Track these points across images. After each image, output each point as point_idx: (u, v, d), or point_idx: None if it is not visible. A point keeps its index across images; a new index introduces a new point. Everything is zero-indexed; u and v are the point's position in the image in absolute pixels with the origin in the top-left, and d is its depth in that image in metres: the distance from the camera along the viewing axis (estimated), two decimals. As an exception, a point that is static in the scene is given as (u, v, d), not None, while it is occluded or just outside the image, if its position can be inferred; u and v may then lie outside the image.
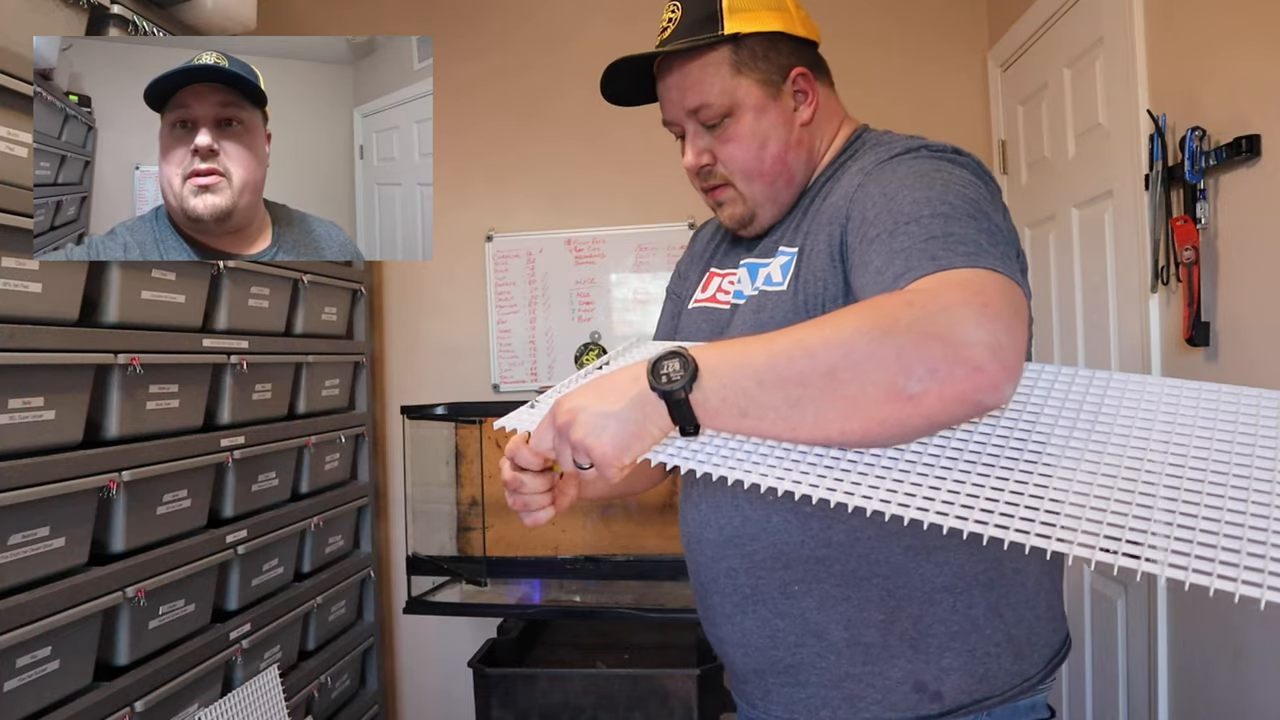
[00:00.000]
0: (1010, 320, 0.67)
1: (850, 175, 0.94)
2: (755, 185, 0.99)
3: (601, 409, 0.73)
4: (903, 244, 0.76)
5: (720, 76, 0.97)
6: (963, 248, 0.73)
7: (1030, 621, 0.91)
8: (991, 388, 0.65)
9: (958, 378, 0.65)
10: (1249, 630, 1.33)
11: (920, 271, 0.73)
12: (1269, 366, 1.26)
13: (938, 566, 0.88)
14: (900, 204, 0.81)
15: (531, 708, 1.90)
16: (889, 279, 0.75)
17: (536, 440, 0.78)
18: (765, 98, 0.97)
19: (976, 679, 0.88)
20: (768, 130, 0.97)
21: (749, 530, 0.93)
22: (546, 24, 2.53)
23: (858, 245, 0.83)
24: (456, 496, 2.46)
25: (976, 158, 0.90)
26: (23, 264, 1.23)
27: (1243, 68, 1.30)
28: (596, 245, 2.49)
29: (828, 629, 0.90)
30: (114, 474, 1.38)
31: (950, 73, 2.41)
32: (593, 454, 0.72)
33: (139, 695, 1.40)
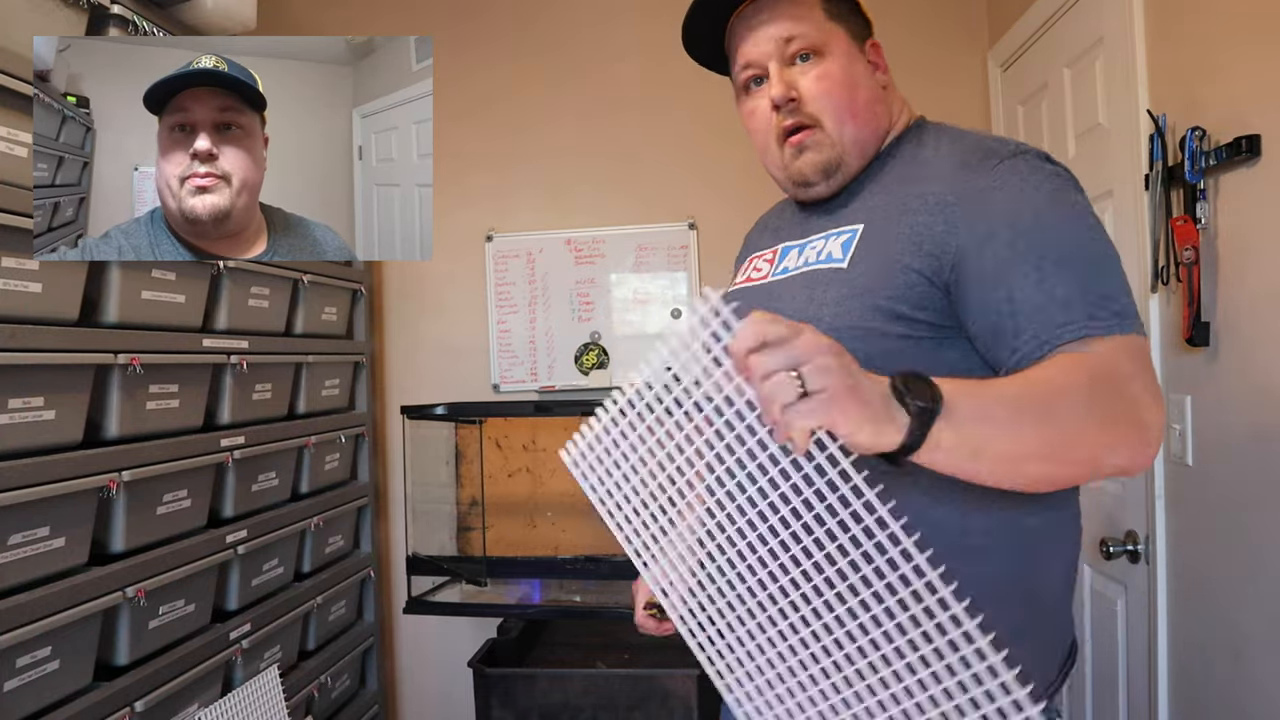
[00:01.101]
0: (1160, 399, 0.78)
1: (947, 164, 0.90)
2: (847, 128, 0.96)
3: (850, 371, 0.66)
4: (1057, 286, 0.80)
5: (815, 16, 0.97)
6: (1115, 305, 0.80)
7: (1055, 628, 0.93)
8: (1145, 465, 0.79)
9: (1138, 459, 0.77)
10: (1249, 630, 1.33)
11: (1084, 330, 0.78)
12: (1269, 366, 1.26)
13: (980, 572, 0.84)
14: (1047, 232, 0.82)
15: (531, 708, 1.90)
16: (1047, 327, 0.79)
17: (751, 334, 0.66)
18: (854, 48, 0.99)
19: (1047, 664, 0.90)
20: (859, 76, 0.98)
21: None
22: (547, 24, 2.53)
23: (991, 264, 0.83)
24: (456, 496, 2.46)
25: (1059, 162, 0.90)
26: (23, 264, 1.23)
27: (1243, 67, 1.30)
28: (596, 245, 2.49)
29: None
30: (114, 474, 1.38)
31: (950, 73, 2.41)
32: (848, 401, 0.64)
33: (139, 695, 1.40)
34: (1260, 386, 1.29)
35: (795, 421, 0.64)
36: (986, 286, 0.83)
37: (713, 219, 2.46)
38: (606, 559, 2.23)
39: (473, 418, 2.40)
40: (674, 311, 2.47)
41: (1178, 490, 1.52)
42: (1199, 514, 1.45)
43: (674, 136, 2.48)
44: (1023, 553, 0.88)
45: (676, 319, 2.47)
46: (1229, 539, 1.37)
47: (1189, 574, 1.49)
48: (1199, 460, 1.45)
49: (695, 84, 2.48)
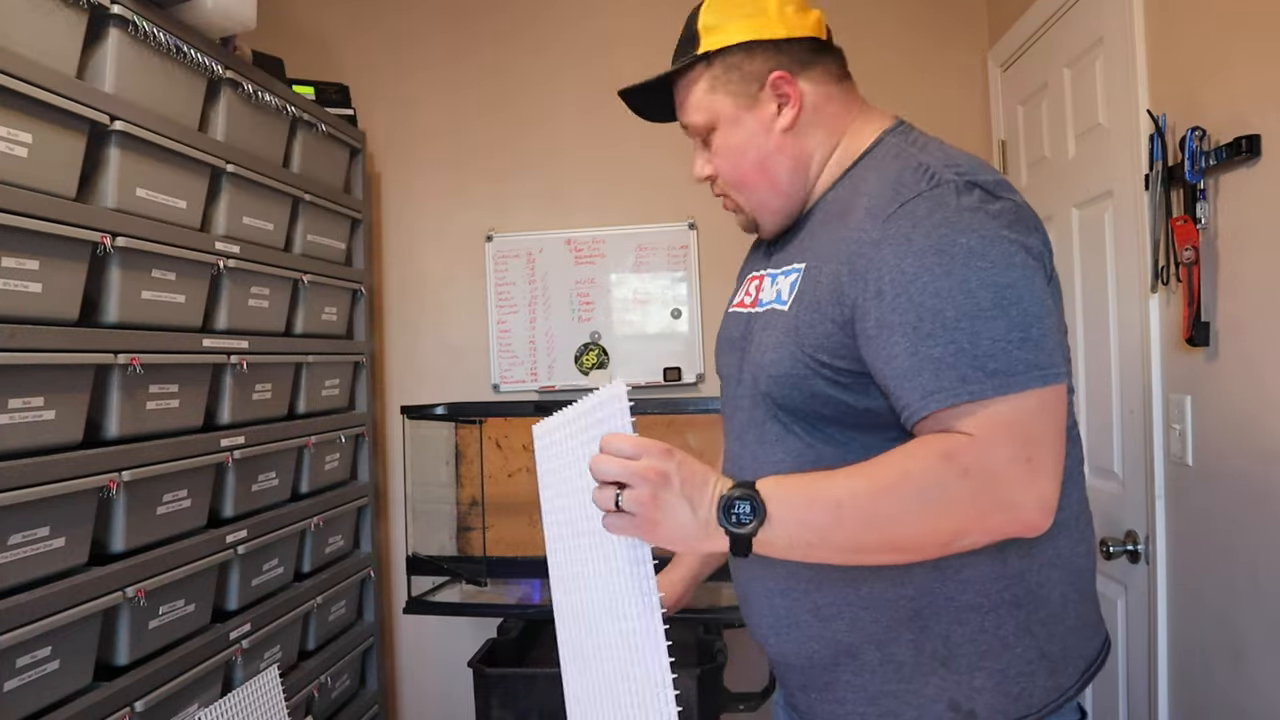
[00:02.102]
0: (1052, 462, 0.78)
1: (866, 202, 0.90)
2: (743, 195, 1.02)
3: (688, 500, 0.81)
4: (930, 351, 0.79)
5: (697, 95, 1.00)
6: (993, 364, 0.77)
7: (1062, 635, 0.91)
8: (1036, 529, 0.78)
9: (1009, 532, 0.79)
10: (1249, 630, 1.33)
11: (952, 397, 0.78)
12: (1269, 366, 1.26)
13: (962, 585, 0.88)
14: (922, 293, 0.80)
15: (531, 708, 1.89)
16: (918, 393, 0.80)
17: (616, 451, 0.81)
18: (738, 109, 0.98)
19: (1011, 698, 0.89)
20: (744, 141, 0.99)
21: (774, 563, 0.94)
22: (547, 23, 2.53)
23: (874, 324, 0.84)
24: (456, 496, 2.46)
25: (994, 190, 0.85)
26: (23, 264, 1.23)
27: (1243, 67, 1.30)
28: (596, 245, 2.49)
29: (861, 649, 0.92)
30: (114, 474, 1.38)
31: (950, 73, 2.41)
32: (650, 533, 0.81)
33: (139, 695, 1.40)
34: (1260, 386, 1.29)
35: (608, 525, 0.82)
36: (873, 347, 0.84)
37: (713, 219, 2.45)
38: None
39: (473, 418, 2.40)
40: (674, 311, 2.47)
41: (1178, 490, 1.52)
42: (1199, 514, 1.45)
43: (674, 136, 2.46)
44: (1001, 563, 0.88)
45: (676, 319, 2.47)
46: (1229, 539, 1.37)
47: (1189, 574, 1.49)
48: (1199, 460, 1.45)
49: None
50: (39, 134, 1.26)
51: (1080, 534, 0.94)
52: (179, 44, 1.53)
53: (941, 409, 0.79)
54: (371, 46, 2.57)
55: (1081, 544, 0.94)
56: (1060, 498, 0.88)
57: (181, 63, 1.56)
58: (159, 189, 1.52)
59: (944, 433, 0.79)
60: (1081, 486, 0.96)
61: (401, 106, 2.56)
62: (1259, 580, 1.30)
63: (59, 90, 1.28)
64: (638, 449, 0.81)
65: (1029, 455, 0.76)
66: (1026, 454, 0.76)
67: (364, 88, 2.52)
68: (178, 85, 1.57)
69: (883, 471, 0.80)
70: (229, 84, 1.71)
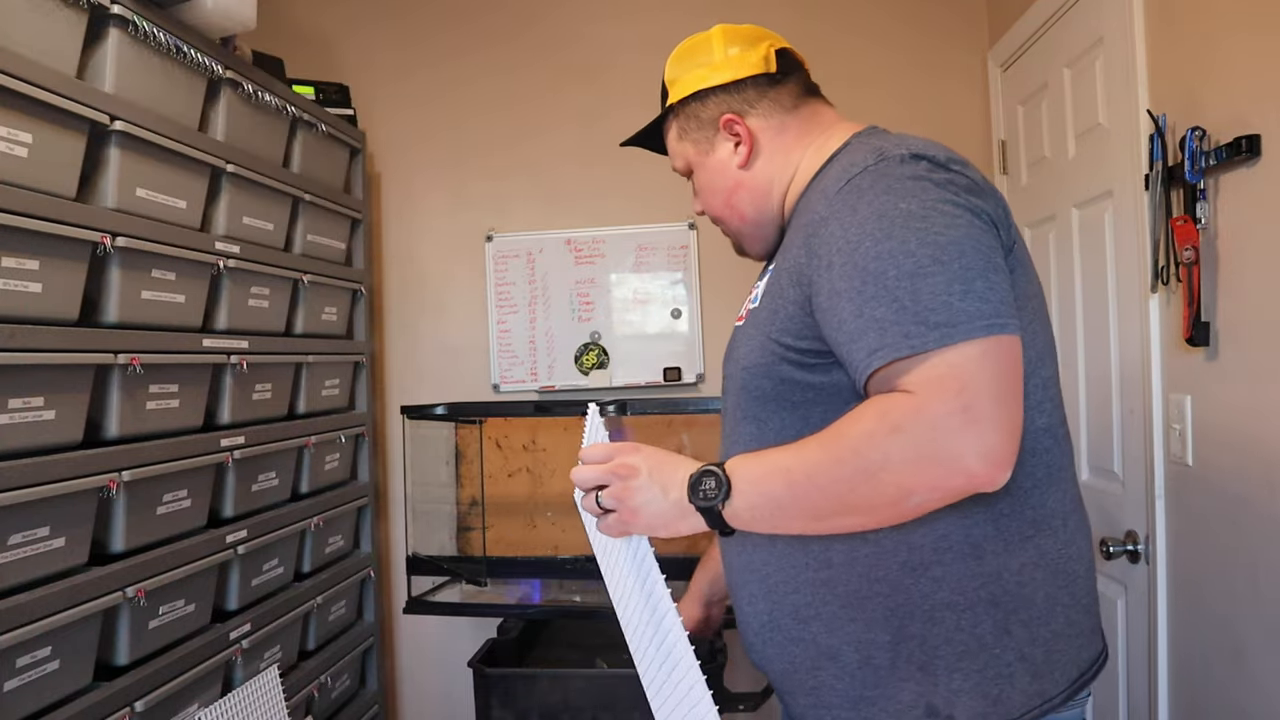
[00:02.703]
0: (994, 410, 0.75)
1: (816, 201, 0.94)
2: (722, 226, 1.12)
3: (659, 485, 0.88)
4: (874, 312, 0.80)
5: (671, 142, 1.13)
6: (935, 317, 0.77)
7: (1047, 639, 0.89)
8: (988, 484, 0.76)
9: (956, 487, 0.77)
10: (1249, 630, 1.33)
11: (895, 352, 0.78)
12: (1269, 366, 1.26)
13: (935, 582, 0.88)
14: (864, 258, 0.82)
15: (531, 708, 1.89)
16: (863, 352, 0.81)
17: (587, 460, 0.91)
18: (700, 154, 1.08)
19: (990, 701, 0.87)
20: (709, 181, 1.09)
21: (760, 555, 0.98)
22: (547, 23, 2.53)
23: (824, 292, 0.86)
24: (456, 496, 2.46)
25: (939, 158, 0.88)
26: (23, 264, 1.23)
27: (1243, 67, 1.30)
28: (596, 245, 2.49)
29: (840, 651, 0.92)
30: (114, 474, 1.38)
31: (950, 73, 2.41)
32: (631, 521, 0.89)
33: (139, 695, 1.40)
34: (1260, 386, 1.29)
35: (600, 529, 0.92)
36: (825, 317, 0.86)
37: (713, 219, 2.45)
38: None
39: (472, 418, 2.40)
40: (674, 311, 2.47)
41: (1178, 490, 1.52)
42: (1199, 514, 1.45)
43: (674, 136, 2.47)
44: (976, 560, 0.88)
45: (676, 319, 2.47)
46: (1229, 539, 1.37)
47: (1189, 574, 1.49)
48: (1199, 460, 1.45)
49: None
50: (39, 134, 1.26)
51: (1068, 536, 0.92)
52: (179, 44, 1.53)
53: (884, 365, 0.79)
54: (371, 46, 2.57)
55: (1070, 547, 0.92)
56: (1036, 495, 0.89)
57: (181, 63, 1.56)
58: (159, 189, 1.52)
59: (886, 394, 0.80)
60: (1068, 488, 0.94)
61: (401, 106, 2.56)
62: (1259, 580, 1.30)
63: (59, 90, 1.28)
64: (608, 453, 0.90)
65: (965, 404, 0.74)
66: (962, 403, 0.74)
67: (364, 88, 2.52)
68: (178, 85, 1.57)
69: (828, 436, 0.81)
70: (229, 84, 1.71)
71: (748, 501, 0.84)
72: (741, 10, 2.52)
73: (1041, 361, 0.93)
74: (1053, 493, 0.91)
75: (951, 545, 0.88)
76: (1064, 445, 0.95)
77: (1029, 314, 0.91)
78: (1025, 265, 0.94)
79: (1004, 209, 0.90)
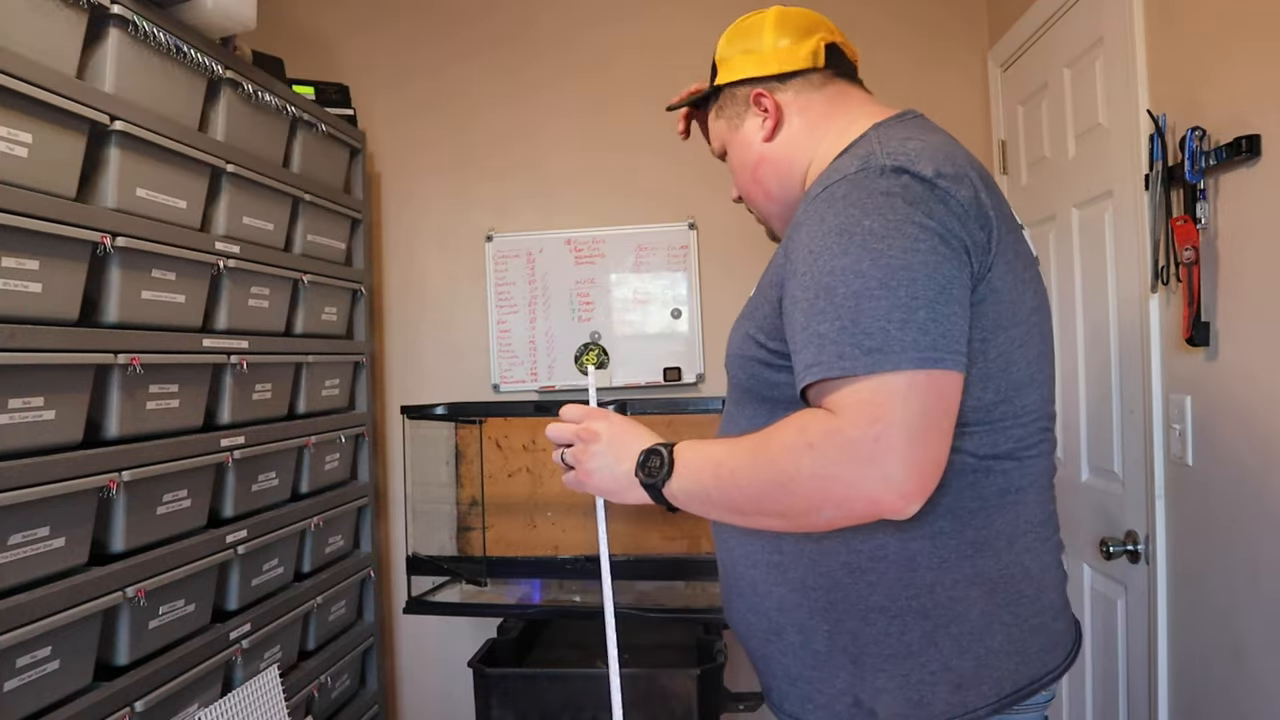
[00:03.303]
0: (907, 444, 0.76)
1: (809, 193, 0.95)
2: (753, 206, 1.13)
3: (613, 454, 0.95)
4: (818, 326, 0.82)
5: (711, 121, 1.14)
6: (869, 342, 0.78)
7: (979, 655, 0.90)
8: (892, 511, 0.78)
9: (858, 511, 0.79)
10: (1249, 630, 1.33)
11: (827, 371, 0.80)
12: (1269, 366, 1.26)
13: (870, 586, 0.91)
14: (820, 271, 0.83)
15: (531, 708, 1.89)
16: (802, 365, 0.83)
17: (565, 418, 1.01)
18: (731, 130, 1.10)
19: (911, 704, 0.90)
20: (739, 158, 1.11)
21: (726, 536, 1.04)
22: (547, 24, 2.53)
23: (788, 299, 0.88)
24: (456, 496, 2.46)
25: (924, 174, 0.85)
26: (23, 264, 1.23)
27: (1243, 67, 1.30)
28: (596, 245, 2.49)
29: (785, 630, 0.98)
30: (114, 474, 1.38)
31: (950, 73, 2.41)
32: (585, 481, 0.98)
33: (139, 695, 1.40)
34: (1260, 386, 1.29)
35: (565, 481, 1.00)
36: (786, 321, 0.88)
37: (713, 219, 2.46)
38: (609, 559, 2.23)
39: (472, 418, 2.40)
40: (674, 311, 2.47)
41: (1178, 490, 1.52)
42: (1199, 514, 1.45)
43: (674, 137, 2.47)
44: (910, 571, 0.90)
45: (676, 319, 2.47)
46: (1229, 539, 1.37)
47: (1189, 574, 1.49)
48: (1199, 460, 1.45)
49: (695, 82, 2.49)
50: (39, 134, 1.26)
51: (1013, 558, 0.91)
52: (179, 44, 1.54)
53: (816, 382, 0.81)
54: (371, 47, 2.57)
55: (1015, 568, 0.91)
56: (982, 516, 0.90)
57: (181, 63, 1.56)
58: (159, 189, 1.52)
59: (811, 410, 0.82)
60: (1025, 510, 0.93)
61: (402, 106, 2.56)
62: (1259, 580, 1.30)
63: (59, 90, 1.28)
64: (580, 415, 0.99)
65: (876, 434, 0.76)
66: (874, 433, 0.76)
67: (364, 88, 2.52)
68: (178, 85, 1.57)
69: (758, 439, 0.85)
70: (229, 84, 1.71)
71: (683, 486, 0.90)
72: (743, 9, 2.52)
73: (1020, 390, 0.91)
74: (1002, 515, 0.91)
75: (888, 555, 0.90)
76: (1029, 465, 0.93)
77: (1018, 334, 0.90)
78: (1020, 283, 0.90)
79: (989, 231, 0.87)
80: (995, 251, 0.87)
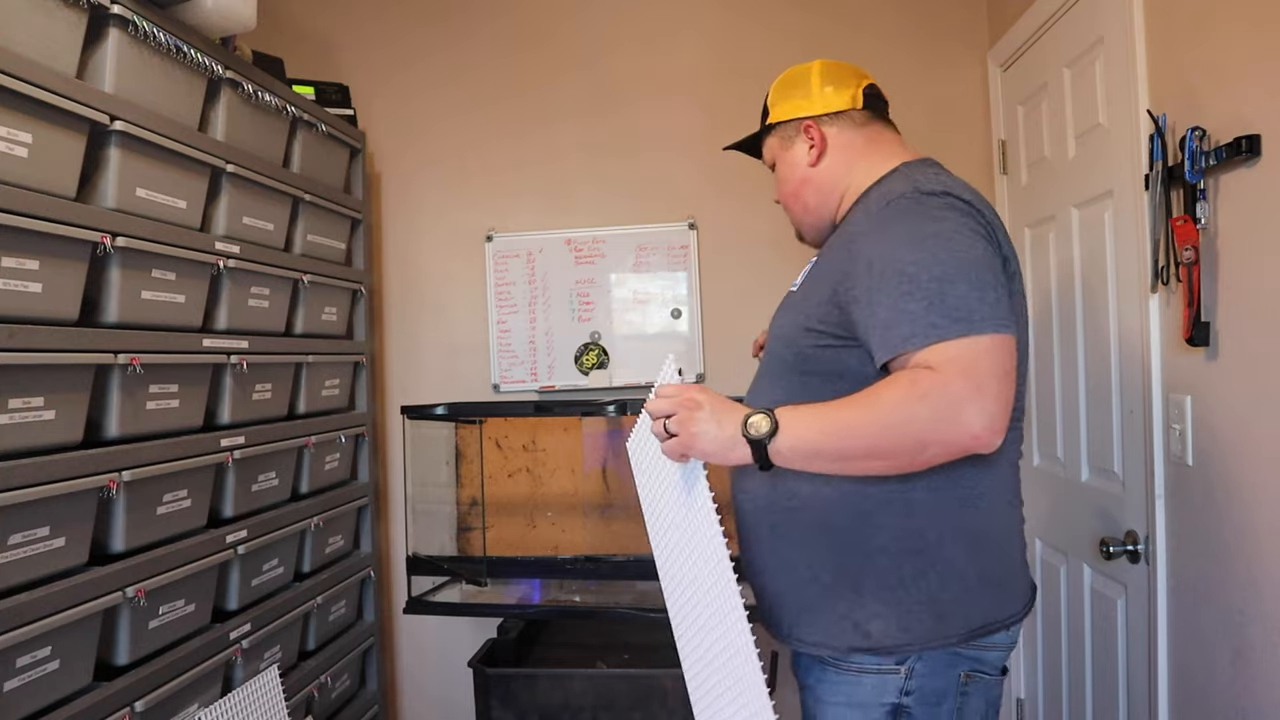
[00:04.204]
0: (997, 389, 0.96)
1: (858, 214, 1.19)
2: (789, 213, 1.36)
3: (716, 420, 1.05)
4: (907, 306, 1.01)
5: (765, 144, 1.37)
6: (957, 313, 0.99)
7: (956, 592, 1.11)
8: (986, 445, 0.97)
9: (963, 444, 0.97)
10: (1249, 630, 1.33)
11: (924, 340, 0.99)
12: (1269, 366, 1.26)
13: (875, 529, 1.12)
14: (901, 263, 1.03)
15: (532, 708, 1.90)
16: (898, 338, 1.01)
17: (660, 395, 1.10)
18: (782, 149, 1.33)
19: (900, 628, 1.11)
20: (785, 172, 1.33)
21: (748, 485, 1.23)
22: (548, 23, 2.53)
23: (863, 289, 1.06)
24: (456, 496, 2.46)
25: (964, 198, 1.09)
26: (23, 264, 1.23)
27: (1242, 67, 1.30)
28: (596, 245, 2.49)
29: (797, 566, 1.17)
30: (114, 474, 1.38)
31: (950, 72, 2.41)
32: (690, 444, 1.06)
33: (139, 695, 1.40)
34: (1260, 386, 1.29)
35: (663, 450, 1.10)
36: (860, 308, 1.07)
37: (713, 219, 2.46)
38: (606, 559, 2.23)
39: (473, 418, 2.40)
40: (674, 311, 2.47)
41: (1178, 490, 1.52)
42: (1199, 514, 1.45)
43: (673, 137, 2.48)
44: (907, 517, 1.11)
45: (676, 319, 2.47)
46: (1229, 539, 1.37)
47: (1189, 574, 1.49)
48: (1199, 460, 1.45)
49: (696, 82, 2.49)
50: (39, 134, 1.26)
51: (988, 517, 1.13)
52: (179, 44, 1.54)
53: (914, 350, 0.99)
54: (371, 47, 2.57)
55: (989, 525, 1.13)
56: (970, 477, 1.11)
57: (181, 63, 1.56)
58: (159, 189, 1.52)
59: (914, 368, 0.99)
60: (1002, 476, 1.15)
61: (401, 106, 2.56)
62: (1259, 580, 1.30)
63: (59, 90, 1.28)
64: (679, 390, 1.10)
65: (978, 383, 0.95)
66: (975, 382, 0.95)
67: (364, 88, 2.52)
68: (178, 85, 1.57)
69: (866, 396, 1.01)
70: (229, 84, 1.71)
71: (789, 442, 1.02)
72: (745, 7, 2.52)
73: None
74: (984, 479, 1.13)
75: (892, 501, 1.11)
76: (1008, 444, 1.13)
77: (1018, 336, 1.08)
78: (1016, 288, 1.13)
79: (1007, 239, 1.13)
80: (1013, 268, 1.12)
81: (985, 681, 1.15)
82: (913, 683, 1.11)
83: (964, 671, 1.13)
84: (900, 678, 1.11)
